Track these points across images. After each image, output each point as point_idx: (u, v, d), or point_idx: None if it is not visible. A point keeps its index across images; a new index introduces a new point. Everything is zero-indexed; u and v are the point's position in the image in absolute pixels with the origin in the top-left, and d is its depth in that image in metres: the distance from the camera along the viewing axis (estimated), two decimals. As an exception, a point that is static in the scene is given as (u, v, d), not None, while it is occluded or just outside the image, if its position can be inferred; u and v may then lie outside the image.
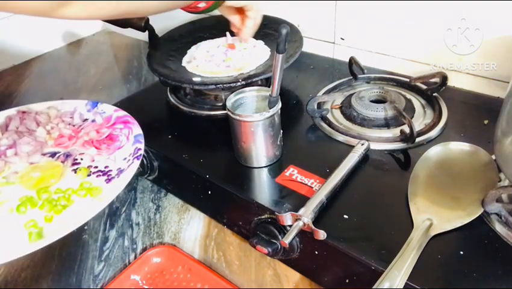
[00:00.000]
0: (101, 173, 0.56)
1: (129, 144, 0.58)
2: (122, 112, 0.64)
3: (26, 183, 0.54)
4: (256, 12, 0.64)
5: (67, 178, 0.56)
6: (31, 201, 0.51)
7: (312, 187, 0.50)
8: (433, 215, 0.44)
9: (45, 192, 0.52)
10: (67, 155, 0.59)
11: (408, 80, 0.66)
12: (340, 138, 0.58)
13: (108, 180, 0.54)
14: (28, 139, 0.60)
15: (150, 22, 0.76)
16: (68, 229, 0.45)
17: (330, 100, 0.66)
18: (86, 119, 0.66)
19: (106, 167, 0.56)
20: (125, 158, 0.56)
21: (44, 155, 0.60)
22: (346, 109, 0.63)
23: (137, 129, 0.60)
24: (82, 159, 0.58)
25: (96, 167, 0.57)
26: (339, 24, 0.78)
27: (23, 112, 0.66)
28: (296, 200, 0.48)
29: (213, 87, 0.64)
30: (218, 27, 0.81)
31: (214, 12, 0.88)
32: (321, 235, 0.42)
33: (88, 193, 0.52)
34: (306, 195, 0.49)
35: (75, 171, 0.56)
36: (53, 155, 0.60)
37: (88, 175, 0.56)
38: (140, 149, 0.56)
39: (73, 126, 0.64)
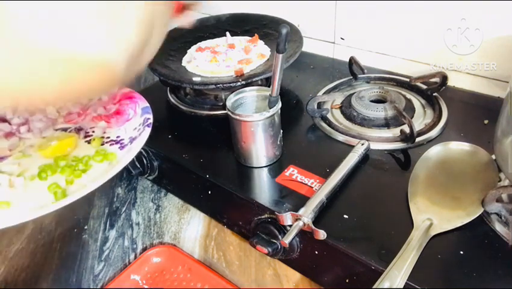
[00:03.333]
0: (114, 142, 0.57)
1: (138, 116, 0.59)
2: (127, 89, 0.65)
3: (43, 152, 0.55)
4: None
5: (81, 148, 0.57)
6: (50, 168, 0.52)
7: (312, 187, 0.50)
8: (433, 215, 0.44)
9: (63, 160, 0.54)
10: (79, 129, 0.60)
11: (408, 80, 0.66)
12: (340, 138, 0.58)
13: (122, 147, 0.55)
14: (40, 116, 0.62)
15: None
16: (90, 187, 0.46)
17: (330, 100, 0.66)
18: (92, 99, 0.66)
19: (118, 136, 0.58)
20: (135, 128, 0.57)
21: (56, 130, 0.61)
22: (346, 109, 0.63)
23: (143, 103, 0.61)
24: (93, 131, 0.60)
25: (108, 137, 0.58)
26: (339, 24, 0.78)
27: None
28: (296, 200, 0.48)
29: (213, 86, 0.64)
30: (218, 27, 0.81)
31: (214, 12, 0.88)
32: (321, 235, 0.42)
33: (105, 158, 0.53)
34: (306, 195, 0.49)
35: (89, 142, 0.58)
36: (64, 130, 0.61)
37: (102, 144, 0.57)
38: (149, 118, 0.57)
39: (80, 104, 0.65)
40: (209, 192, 0.56)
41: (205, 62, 0.69)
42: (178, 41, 0.79)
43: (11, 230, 0.62)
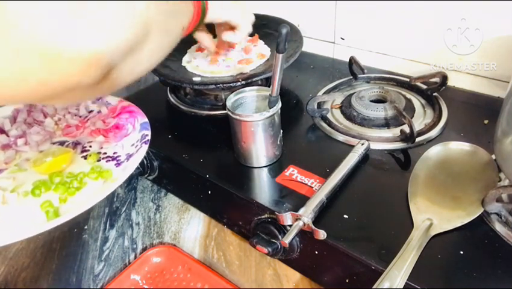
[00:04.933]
0: (110, 158, 0.56)
1: (136, 132, 0.59)
2: (127, 103, 0.64)
3: (38, 168, 0.54)
4: (244, 21, 0.59)
5: (77, 163, 0.56)
6: (45, 185, 0.52)
7: (312, 187, 0.50)
8: (433, 215, 0.44)
9: (57, 176, 0.53)
10: (76, 143, 0.60)
11: (408, 80, 0.66)
12: (340, 137, 0.58)
13: (118, 164, 0.54)
14: (38, 129, 0.62)
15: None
16: (83, 207, 0.45)
17: (330, 100, 0.66)
18: (91, 110, 0.66)
19: (114, 152, 0.57)
20: (133, 144, 0.57)
21: (53, 144, 0.61)
22: (346, 109, 0.63)
23: (143, 118, 0.60)
24: (91, 146, 0.59)
25: (105, 153, 0.57)
26: (339, 24, 0.78)
27: (30, 105, 0.66)
28: (296, 199, 0.48)
29: (213, 86, 0.64)
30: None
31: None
32: (321, 234, 0.42)
33: (100, 176, 0.53)
34: (306, 195, 0.49)
35: (85, 157, 0.57)
36: (62, 143, 0.61)
37: (98, 160, 0.56)
38: (147, 135, 0.56)
39: (80, 116, 0.65)
40: (209, 192, 0.56)
41: (205, 62, 0.69)
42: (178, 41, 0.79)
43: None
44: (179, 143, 0.63)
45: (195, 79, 0.66)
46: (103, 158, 0.56)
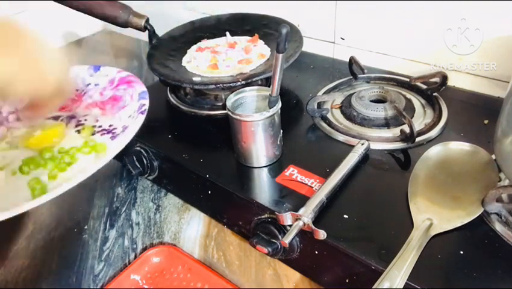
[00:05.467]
0: (105, 132, 0.54)
1: (134, 102, 0.57)
2: (125, 73, 0.62)
3: (27, 143, 0.52)
4: None
5: (70, 137, 0.54)
6: (33, 162, 0.49)
7: (312, 187, 0.50)
8: (433, 215, 0.44)
9: (48, 152, 0.51)
10: (71, 117, 0.58)
11: (408, 80, 0.66)
12: (340, 137, 0.58)
13: (113, 137, 0.52)
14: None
15: (150, 22, 0.76)
16: (72, 182, 0.43)
17: (330, 100, 0.66)
18: (89, 84, 0.64)
19: (110, 125, 0.55)
20: (130, 116, 0.55)
21: (47, 119, 0.58)
22: (346, 109, 0.63)
23: (141, 87, 0.58)
24: (86, 120, 0.57)
25: (100, 126, 0.55)
26: (339, 24, 0.78)
27: None
28: (296, 199, 0.48)
29: (213, 86, 0.64)
30: (218, 27, 0.81)
31: (214, 12, 0.88)
32: (321, 234, 0.42)
33: (93, 150, 0.50)
34: (306, 195, 0.49)
35: (79, 132, 0.55)
36: (56, 118, 0.58)
37: (93, 134, 0.54)
38: (144, 104, 0.54)
39: (76, 90, 0.63)
40: (209, 192, 0.56)
41: (205, 62, 0.69)
42: (178, 41, 0.79)
43: (11, 230, 0.62)
44: (179, 143, 0.63)
45: (195, 79, 0.66)
46: (98, 132, 0.54)
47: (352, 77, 0.70)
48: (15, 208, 0.40)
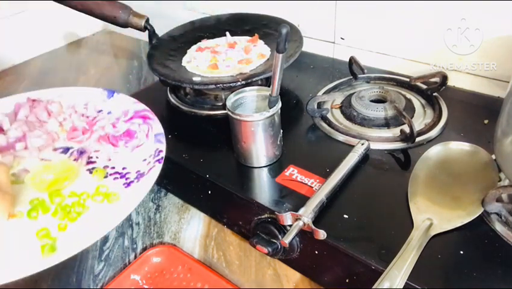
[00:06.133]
0: (119, 176, 0.51)
1: (149, 143, 0.54)
2: (141, 106, 0.59)
3: (37, 186, 0.50)
4: None
5: (82, 179, 0.52)
6: (42, 206, 0.47)
7: (312, 187, 0.50)
8: (433, 215, 0.44)
9: (58, 196, 0.49)
10: (81, 152, 0.55)
11: (408, 80, 0.66)
12: (340, 137, 0.58)
13: (127, 185, 0.50)
14: (39, 132, 0.56)
15: (150, 22, 0.76)
16: (83, 244, 0.42)
17: (330, 100, 0.66)
18: (101, 110, 0.61)
19: (124, 168, 0.53)
20: (145, 160, 0.52)
21: (56, 150, 0.56)
22: (346, 109, 0.63)
23: (158, 127, 0.56)
24: (97, 157, 0.54)
25: (113, 168, 0.53)
26: (339, 24, 0.78)
27: (33, 100, 0.61)
28: (296, 199, 0.48)
29: (213, 86, 0.64)
30: (218, 27, 0.81)
31: (214, 12, 0.88)
32: (321, 234, 0.42)
33: (106, 199, 0.48)
34: (306, 195, 0.49)
35: (90, 171, 0.52)
36: (65, 150, 0.56)
37: (105, 177, 0.52)
38: (161, 151, 0.52)
39: (87, 117, 0.60)
40: (209, 192, 0.56)
41: (205, 62, 0.69)
42: (178, 41, 0.79)
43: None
44: (179, 143, 0.63)
45: (195, 79, 0.66)
46: (110, 174, 0.52)
47: (352, 77, 0.70)
48: (24, 270, 0.40)
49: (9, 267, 0.41)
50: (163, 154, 0.52)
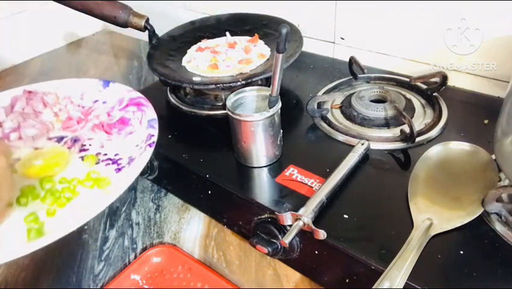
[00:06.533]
0: (110, 162, 0.51)
1: (142, 129, 0.54)
2: (136, 93, 0.60)
3: (27, 172, 0.50)
4: None
5: (73, 166, 0.51)
6: (32, 193, 0.47)
7: (312, 187, 0.50)
8: (433, 215, 0.44)
9: (48, 182, 0.48)
10: (75, 140, 0.55)
11: (408, 80, 0.66)
12: (340, 137, 0.58)
13: (118, 170, 0.50)
14: (33, 122, 0.56)
15: (150, 22, 0.76)
16: (70, 227, 0.41)
17: (330, 100, 0.66)
18: (97, 100, 0.61)
19: (116, 154, 0.52)
20: (137, 145, 0.53)
21: (50, 139, 0.56)
22: (346, 109, 0.63)
23: (151, 113, 0.56)
24: (90, 144, 0.54)
25: (106, 154, 0.53)
26: (339, 24, 0.78)
27: (30, 92, 0.61)
28: (296, 199, 0.48)
29: (213, 86, 0.64)
30: (218, 27, 0.81)
31: (214, 12, 0.88)
32: (321, 234, 0.42)
33: (96, 184, 0.48)
34: (306, 195, 0.49)
35: (82, 158, 0.52)
36: (59, 139, 0.56)
37: (97, 163, 0.51)
38: (153, 135, 0.52)
39: (83, 107, 0.60)
40: (209, 192, 0.56)
41: (205, 62, 0.69)
42: (178, 41, 0.79)
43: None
44: (179, 143, 0.63)
45: (195, 79, 0.66)
46: (102, 160, 0.52)
47: (352, 77, 0.70)
48: (7, 254, 0.39)
49: None
50: (155, 138, 0.52)
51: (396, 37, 0.72)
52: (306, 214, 0.44)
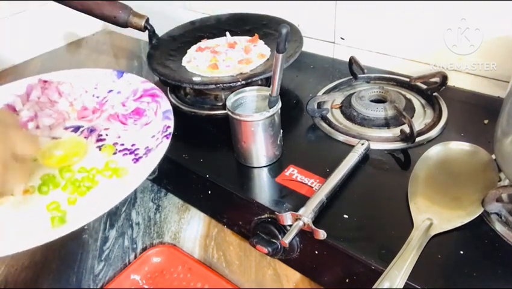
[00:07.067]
0: (128, 152, 0.52)
1: (158, 120, 0.55)
2: (149, 84, 0.60)
3: (48, 162, 0.51)
4: None
5: (91, 155, 0.53)
6: (53, 181, 0.48)
7: (312, 187, 0.50)
8: (433, 215, 0.44)
9: (68, 171, 0.49)
10: (91, 130, 0.56)
11: (408, 80, 0.66)
12: (340, 137, 0.58)
13: (136, 160, 0.51)
14: (50, 112, 0.57)
15: (150, 22, 0.76)
16: (92, 215, 0.42)
17: (330, 100, 0.66)
18: (111, 90, 0.62)
19: (133, 145, 0.53)
20: (153, 136, 0.53)
21: (66, 129, 0.57)
22: (346, 109, 0.63)
23: (166, 104, 0.56)
24: (107, 135, 0.55)
25: (122, 145, 0.53)
26: (339, 24, 0.78)
27: (45, 81, 0.62)
28: (296, 199, 0.48)
29: (213, 86, 0.64)
30: (218, 27, 0.81)
31: (214, 12, 0.88)
32: (321, 234, 0.42)
33: (114, 174, 0.49)
34: (306, 195, 0.49)
35: (100, 148, 0.53)
36: (76, 129, 0.57)
37: (114, 153, 0.52)
38: (169, 127, 0.52)
39: (97, 97, 0.61)
40: (209, 192, 0.56)
41: (205, 62, 0.69)
42: (178, 41, 0.79)
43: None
44: (179, 143, 0.63)
45: (195, 79, 0.66)
46: (119, 151, 0.52)
47: (352, 77, 0.70)
48: (34, 240, 0.40)
49: (21, 238, 0.42)
50: (171, 130, 0.52)
51: (396, 37, 0.72)
52: (306, 214, 0.44)
